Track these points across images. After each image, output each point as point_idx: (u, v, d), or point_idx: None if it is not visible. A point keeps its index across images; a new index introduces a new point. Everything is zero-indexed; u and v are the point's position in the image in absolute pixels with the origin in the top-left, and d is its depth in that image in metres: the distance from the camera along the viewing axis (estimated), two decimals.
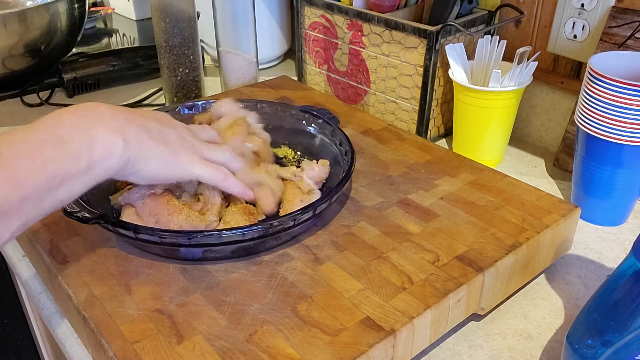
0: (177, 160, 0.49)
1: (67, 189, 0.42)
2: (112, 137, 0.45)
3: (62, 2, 0.94)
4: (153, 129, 0.49)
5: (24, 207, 0.39)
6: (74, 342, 0.52)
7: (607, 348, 0.40)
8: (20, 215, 0.39)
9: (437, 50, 0.75)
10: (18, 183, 0.39)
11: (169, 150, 0.49)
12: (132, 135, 0.46)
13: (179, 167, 0.50)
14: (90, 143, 0.43)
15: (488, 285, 0.51)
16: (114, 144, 0.45)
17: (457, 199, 0.60)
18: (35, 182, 0.40)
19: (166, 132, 0.50)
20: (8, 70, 0.95)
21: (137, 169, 0.47)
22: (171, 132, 0.50)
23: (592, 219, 0.67)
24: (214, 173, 0.52)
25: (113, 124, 0.45)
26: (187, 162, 0.50)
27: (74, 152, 0.42)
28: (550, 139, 0.83)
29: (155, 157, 0.48)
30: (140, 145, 0.47)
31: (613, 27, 0.70)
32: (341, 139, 0.63)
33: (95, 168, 0.44)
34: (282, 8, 1.07)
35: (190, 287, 0.49)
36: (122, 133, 0.45)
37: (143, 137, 0.47)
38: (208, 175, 0.52)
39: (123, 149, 0.45)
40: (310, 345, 0.43)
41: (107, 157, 0.44)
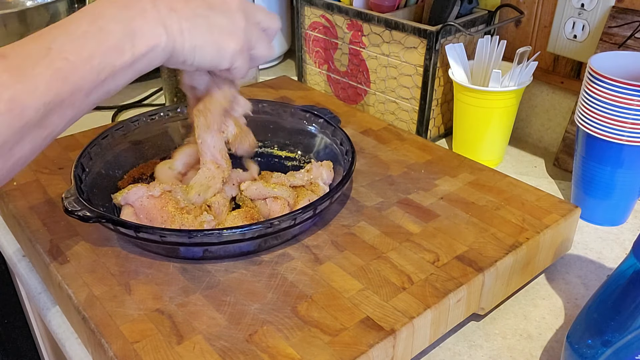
0: (225, 50, 0.48)
1: (114, 81, 0.43)
2: (154, 29, 0.44)
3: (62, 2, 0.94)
4: (200, 15, 0.46)
5: (75, 100, 0.40)
6: (74, 342, 0.52)
7: (607, 348, 0.40)
8: (73, 107, 0.41)
9: (437, 50, 0.75)
10: (67, 78, 0.39)
11: (217, 38, 0.47)
12: (176, 25, 0.45)
13: (225, 56, 0.48)
14: (132, 36, 0.42)
15: (488, 285, 0.51)
16: (156, 36, 0.44)
17: (457, 199, 0.60)
18: (83, 76, 0.40)
19: (215, 18, 0.47)
20: None
21: (183, 58, 0.46)
22: (221, 17, 0.48)
23: (592, 219, 0.67)
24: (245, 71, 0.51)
25: (154, 14, 0.44)
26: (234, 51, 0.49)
27: (117, 45, 0.42)
28: (550, 139, 0.83)
29: (200, 46, 0.46)
30: (184, 35, 0.45)
31: (613, 27, 0.70)
32: (342, 139, 0.63)
33: (140, 61, 0.43)
34: (282, 8, 1.07)
35: (190, 287, 0.49)
36: (165, 23, 0.44)
37: (187, 26, 0.45)
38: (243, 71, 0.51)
39: (166, 40, 0.44)
40: (310, 345, 0.43)
41: (151, 50, 0.43)
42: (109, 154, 0.63)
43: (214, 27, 0.47)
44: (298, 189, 0.58)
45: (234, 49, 0.48)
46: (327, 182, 0.60)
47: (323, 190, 0.58)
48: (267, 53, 0.53)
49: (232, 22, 0.48)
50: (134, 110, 0.94)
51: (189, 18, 0.46)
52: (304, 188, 0.58)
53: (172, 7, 0.45)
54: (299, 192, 0.58)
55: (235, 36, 0.48)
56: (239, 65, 0.50)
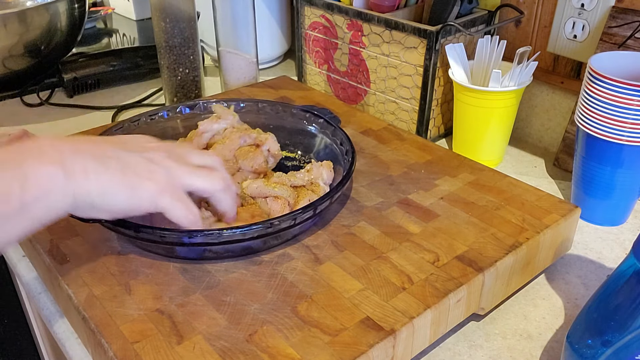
0: (141, 190, 0.43)
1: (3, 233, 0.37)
2: (49, 171, 0.38)
3: (62, 2, 0.94)
4: (110, 156, 0.42)
5: None
6: (74, 342, 0.52)
7: (607, 348, 0.40)
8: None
9: (437, 50, 0.75)
10: None
11: (130, 178, 0.42)
12: (79, 166, 0.40)
13: (143, 198, 0.43)
14: (22, 179, 0.37)
15: (488, 285, 0.51)
16: (52, 178, 0.38)
17: (457, 199, 0.60)
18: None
19: (129, 159, 0.43)
20: (8, 70, 0.95)
21: (91, 202, 0.41)
22: (136, 157, 0.43)
23: (592, 219, 0.67)
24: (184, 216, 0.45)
25: (52, 156, 0.39)
26: (153, 192, 0.43)
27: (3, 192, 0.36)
28: (550, 139, 0.83)
29: (111, 188, 0.41)
30: (89, 176, 0.40)
31: (613, 27, 0.70)
32: (342, 139, 0.63)
33: (32, 208, 0.38)
34: (282, 8, 1.07)
35: (190, 287, 0.49)
36: (64, 164, 0.39)
37: (92, 166, 0.40)
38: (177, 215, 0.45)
39: (64, 183, 0.39)
40: (310, 345, 0.43)
41: (45, 195, 0.38)
42: None
43: (126, 168, 0.42)
44: (298, 189, 0.58)
45: (152, 190, 0.43)
46: (327, 182, 0.60)
47: (323, 190, 0.58)
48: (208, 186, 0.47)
49: (148, 160, 0.43)
50: (134, 110, 0.94)
51: (96, 158, 0.41)
52: (305, 188, 0.58)
53: (77, 148, 0.41)
54: (299, 192, 0.58)
55: (154, 175, 0.43)
56: (166, 206, 0.44)
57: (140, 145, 0.45)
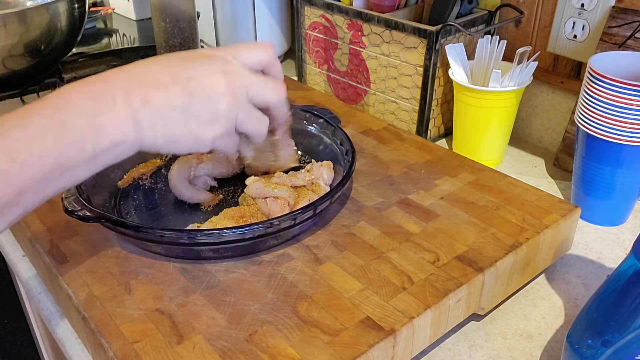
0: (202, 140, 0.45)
1: (70, 177, 0.39)
2: (122, 125, 0.40)
3: (62, 2, 0.94)
4: (176, 106, 0.43)
5: (22, 199, 0.37)
6: (74, 342, 0.52)
7: (607, 348, 0.40)
8: (18, 206, 0.38)
9: (437, 50, 0.75)
10: (11, 181, 0.36)
11: (193, 129, 0.44)
12: (148, 119, 0.41)
13: (204, 145, 0.45)
14: (96, 132, 0.39)
15: (488, 285, 0.51)
16: (123, 134, 0.41)
17: (457, 199, 0.60)
18: (32, 178, 0.37)
19: (193, 107, 0.44)
20: (8, 70, 0.95)
21: (157, 149, 0.43)
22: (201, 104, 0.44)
23: (592, 219, 0.67)
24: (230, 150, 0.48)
25: (124, 108, 0.40)
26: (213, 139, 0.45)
27: (76, 141, 0.38)
28: (550, 139, 0.83)
29: (174, 139, 0.43)
30: (156, 129, 0.42)
31: (613, 27, 0.70)
32: (342, 139, 0.63)
33: (103, 156, 0.40)
34: (282, 8, 1.07)
35: (190, 287, 0.49)
36: (135, 118, 0.41)
37: (160, 120, 0.42)
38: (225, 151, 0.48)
39: (135, 136, 0.41)
40: (310, 345, 0.43)
41: (115, 146, 0.40)
42: None
43: (190, 118, 0.44)
44: (299, 189, 0.58)
45: (212, 137, 0.45)
46: (327, 182, 0.60)
47: (324, 190, 0.58)
48: (254, 132, 0.48)
49: (213, 108, 0.44)
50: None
51: (164, 111, 0.42)
52: (305, 188, 0.58)
53: (147, 98, 0.42)
54: (299, 192, 0.58)
55: (215, 123, 0.45)
56: (221, 147, 0.47)
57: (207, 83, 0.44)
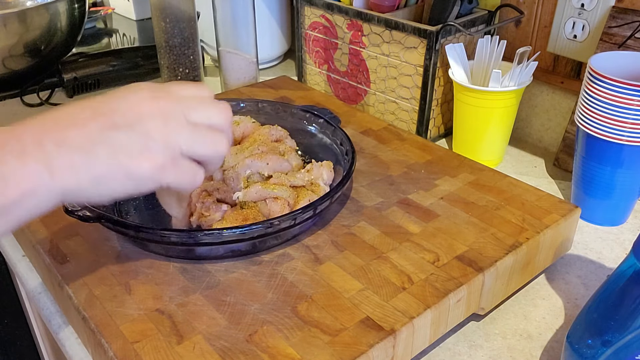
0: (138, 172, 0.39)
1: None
2: (30, 171, 0.36)
3: (62, 2, 0.94)
4: (97, 141, 0.38)
5: None
6: (74, 342, 0.52)
7: (607, 348, 0.40)
8: None
9: (437, 50, 0.75)
10: None
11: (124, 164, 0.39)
12: (64, 162, 0.37)
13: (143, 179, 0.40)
14: (2, 181, 0.35)
15: (488, 285, 0.51)
16: (34, 179, 0.36)
17: (457, 199, 0.60)
18: None
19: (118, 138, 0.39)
20: (8, 70, 0.95)
21: (87, 195, 0.39)
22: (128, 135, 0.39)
23: (592, 219, 0.67)
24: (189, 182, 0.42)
25: (34, 154, 0.36)
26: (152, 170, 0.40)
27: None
28: (550, 139, 0.83)
29: (105, 177, 0.38)
30: (78, 172, 0.37)
31: (613, 27, 0.70)
32: (342, 139, 0.63)
33: (15, 209, 0.36)
34: (282, 8, 1.07)
35: (190, 287, 0.49)
36: (48, 163, 0.36)
37: (79, 160, 0.37)
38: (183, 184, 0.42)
39: (49, 181, 0.36)
40: (310, 345, 0.43)
41: (28, 196, 0.36)
42: None
43: (117, 151, 0.38)
44: (298, 189, 0.58)
45: (150, 169, 0.39)
46: (327, 183, 0.60)
47: (323, 190, 0.58)
48: (210, 153, 0.42)
49: (142, 136, 0.39)
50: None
51: (83, 149, 0.38)
52: (305, 188, 0.58)
53: (62, 138, 0.37)
54: (299, 192, 0.58)
55: (149, 153, 0.39)
56: (172, 180, 0.41)
57: (133, 111, 0.40)
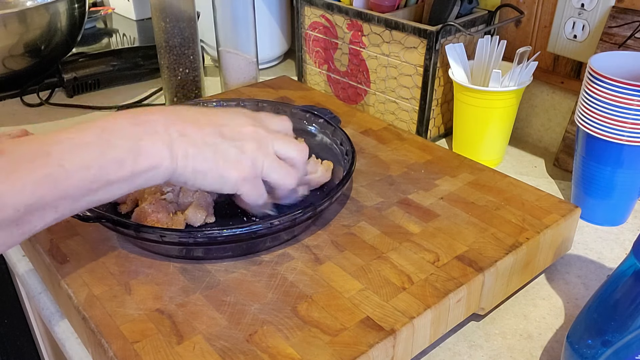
0: (227, 178, 0.48)
1: (106, 192, 0.42)
2: (159, 151, 0.44)
3: (62, 2, 0.94)
4: (208, 143, 0.47)
5: (60, 205, 0.40)
6: (74, 342, 0.52)
7: (607, 348, 0.40)
8: (56, 211, 0.40)
9: (437, 50, 0.75)
10: (57, 184, 0.39)
11: (220, 165, 0.47)
12: (182, 150, 0.45)
13: (228, 184, 0.48)
14: (136, 153, 0.43)
15: (488, 285, 0.51)
16: (160, 158, 0.44)
17: (457, 199, 0.60)
18: (74, 185, 0.40)
19: (223, 147, 0.47)
20: (8, 70, 0.95)
21: (184, 180, 0.46)
22: (230, 147, 0.48)
23: (592, 219, 0.67)
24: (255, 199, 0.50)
25: (163, 137, 0.44)
26: (237, 180, 0.48)
27: (118, 159, 0.42)
28: (550, 139, 0.83)
29: (203, 172, 0.46)
30: (187, 160, 0.45)
31: (613, 27, 0.70)
32: (342, 139, 0.63)
33: (139, 177, 0.43)
34: (282, 8, 1.07)
35: (190, 287, 0.49)
36: (171, 147, 0.45)
37: (192, 152, 0.46)
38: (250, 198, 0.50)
39: (169, 163, 0.44)
40: (310, 345, 0.43)
41: (152, 169, 0.44)
42: None
43: (219, 156, 0.47)
44: None
45: (236, 178, 0.48)
46: (319, 182, 0.60)
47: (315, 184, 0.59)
48: (281, 181, 0.50)
49: (240, 151, 0.48)
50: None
51: (197, 145, 0.46)
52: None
53: (184, 132, 0.46)
54: None
55: (240, 165, 0.48)
56: (245, 191, 0.49)
57: (236, 130, 0.49)
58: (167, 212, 0.54)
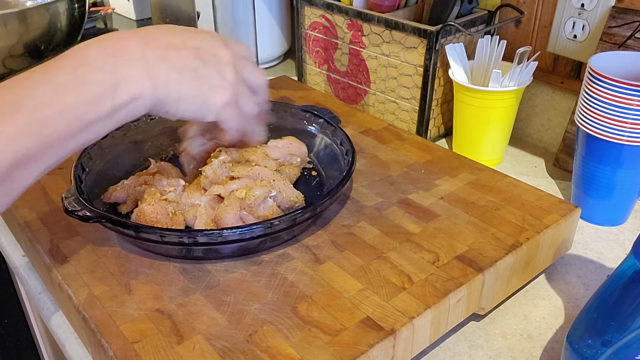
0: (210, 104, 0.47)
1: (90, 132, 0.41)
2: (139, 80, 0.42)
3: (62, 2, 0.94)
4: (190, 66, 0.45)
5: (45, 154, 0.39)
6: (74, 342, 0.52)
7: (607, 348, 0.40)
8: (43, 161, 0.39)
9: (437, 50, 0.75)
10: (37, 132, 0.37)
11: (204, 91, 0.46)
12: (163, 75, 0.43)
13: (211, 110, 0.47)
14: (115, 85, 0.40)
15: (488, 285, 0.51)
16: (141, 87, 0.42)
17: (457, 199, 0.60)
18: (55, 130, 0.38)
19: (204, 71, 0.46)
20: (8, 70, 0.95)
21: (167, 108, 0.45)
22: (211, 70, 0.46)
23: (592, 219, 0.67)
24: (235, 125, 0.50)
25: (141, 63, 0.42)
26: (220, 106, 0.47)
27: (96, 96, 0.40)
28: (550, 139, 0.83)
29: (185, 99, 0.45)
30: (170, 85, 0.44)
31: (613, 27, 0.70)
32: (342, 139, 0.63)
33: (120, 111, 0.41)
34: (282, 8, 1.07)
35: (190, 287, 0.49)
36: (151, 74, 0.42)
37: (174, 77, 0.44)
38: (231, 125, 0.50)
39: (151, 90, 0.42)
40: (310, 345, 0.43)
41: (133, 100, 0.42)
42: (109, 154, 0.63)
43: (202, 80, 0.46)
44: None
45: (220, 102, 0.47)
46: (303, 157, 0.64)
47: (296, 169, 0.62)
48: (253, 109, 0.51)
49: (221, 75, 0.47)
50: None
51: (178, 69, 0.44)
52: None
53: (163, 56, 0.44)
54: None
55: (223, 90, 0.47)
56: (226, 118, 0.48)
57: (213, 53, 0.47)
58: (167, 212, 0.54)
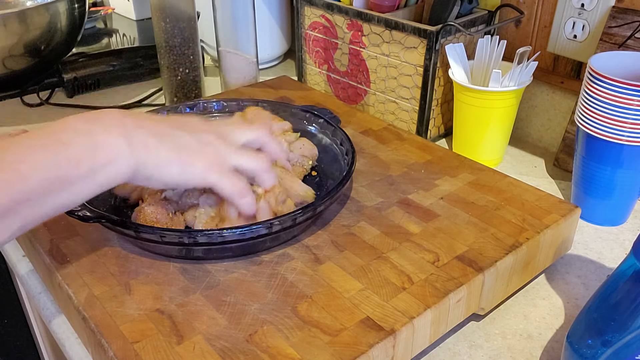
0: (192, 167, 0.47)
1: (69, 193, 0.42)
2: (116, 142, 0.43)
3: (62, 2, 0.94)
4: (167, 134, 0.47)
5: (22, 210, 0.39)
6: (74, 342, 0.52)
7: (607, 348, 0.40)
8: (20, 217, 0.39)
9: (437, 50, 0.75)
10: (14, 187, 0.38)
11: (183, 156, 0.47)
12: (140, 141, 0.44)
13: (194, 174, 0.47)
14: (93, 148, 0.42)
15: (488, 285, 0.51)
16: (118, 150, 0.43)
17: (457, 199, 0.60)
18: (33, 187, 0.39)
19: (183, 138, 0.47)
20: (8, 70, 0.95)
21: (149, 174, 0.45)
22: (190, 137, 0.48)
23: (592, 219, 0.67)
24: (230, 187, 0.49)
25: (119, 129, 0.44)
26: (203, 169, 0.47)
27: (74, 157, 0.41)
28: (550, 139, 0.83)
29: (166, 163, 0.46)
30: (149, 150, 0.45)
31: (613, 27, 0.70)
32: (342, 139, 0.63)
33: (99, 173, 0.42)
34: (282, 8, 1.07)
35: (190, 287, 0.49)
36: (128, 138, 0.44)
37: (152, 142, 0.45)
38: (224, 187, 0.49)
39: (129, 154, 0.44)
40: (310, 345, 0.43)
41: (111, 163, 0.43)
42: None
43: (180, 146, 0.47)
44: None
45: (201, 167, 0.47)
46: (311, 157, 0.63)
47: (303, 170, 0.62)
48: (253, 166, 0.51)
49: (198, 141, 0.48)
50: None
51: (155, 135, 0.46)
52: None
53: (140, 124, 0.45)
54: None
55: (202, 154, 0.48)
56: (214, 182, 0.48)
57: (193, 126, 0.49)
58: (167, 212, 0.54)
